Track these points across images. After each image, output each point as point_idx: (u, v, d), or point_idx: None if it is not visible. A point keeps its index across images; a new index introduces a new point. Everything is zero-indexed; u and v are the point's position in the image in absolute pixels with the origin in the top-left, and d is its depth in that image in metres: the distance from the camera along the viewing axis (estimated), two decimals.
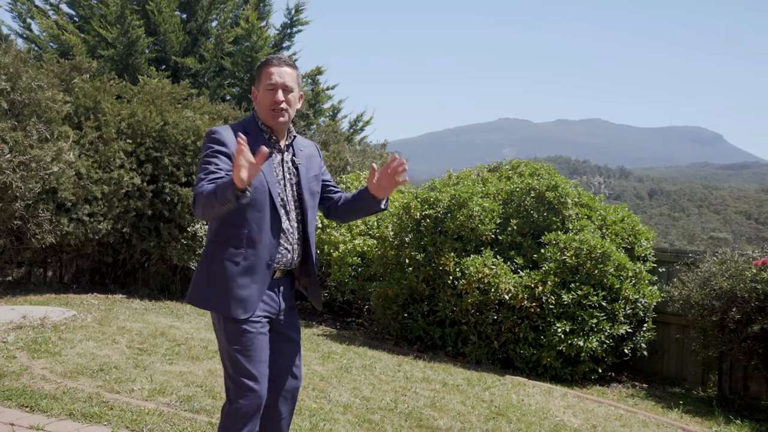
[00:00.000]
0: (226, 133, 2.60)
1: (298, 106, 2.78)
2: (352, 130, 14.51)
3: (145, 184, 8.84)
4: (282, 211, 2.64)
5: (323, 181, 2.91)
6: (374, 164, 2.68)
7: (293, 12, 13.77)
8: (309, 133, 12.88)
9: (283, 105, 2.64)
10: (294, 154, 2.77)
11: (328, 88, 13.91)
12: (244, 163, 2.25)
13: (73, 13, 14.24)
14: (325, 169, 2.98)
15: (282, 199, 2.66)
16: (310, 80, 13.71)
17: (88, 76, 9.20)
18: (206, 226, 9.23)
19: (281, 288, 2.71)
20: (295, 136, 2.80)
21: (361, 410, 4.48)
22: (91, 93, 8.78)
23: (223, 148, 2.56)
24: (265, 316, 2.62)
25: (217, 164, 2.52)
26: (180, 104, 9.66)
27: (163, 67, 13.49)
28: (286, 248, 2.67)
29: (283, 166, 2.71)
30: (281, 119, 2.65)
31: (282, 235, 2.64)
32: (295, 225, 2.71)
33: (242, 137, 2.27)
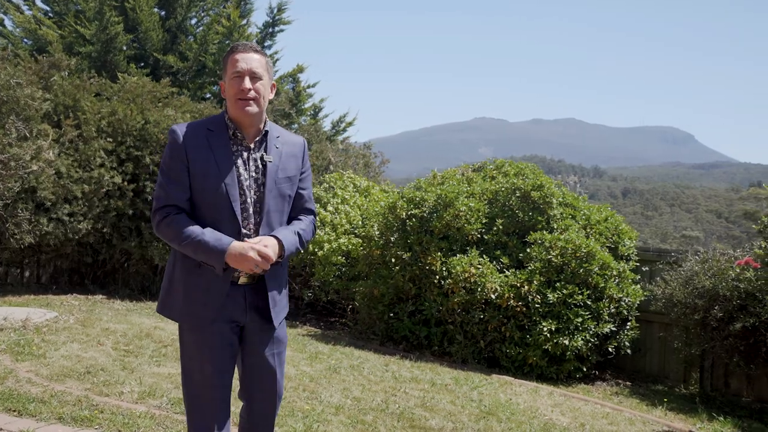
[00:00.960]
0: (184, 132, 2.45)
1: (270, 96, 2.56)
2: (334, 131, 14.45)
3: (125, 183, 8.73)
4: (242, 214, 2.45)
5: (298, 187, 2.62)
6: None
7: (276, 11, 13.69)
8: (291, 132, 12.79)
9: (251, 93, 2.41)
10: (266, 151, 2.53)
11: (309, 86, 13.86)
12: (252, 258, 2.33)
13: (48, 8, 13.99)
14: (307, 175, 2.68)
15: (243, 202, 2.46)
16: (291, 79, 13.63)
17: (66, 73, 9.05)
18: None
19: (247, 295, 2.49)
20: (267, 131, 2.54)
21: (353, 411, 4.47)
22: (71, 91, 8.64)
23: (178, 154, 2.43)
24: (227, 323, 2.46)
25: (170, 178, 2.43)
26: (161, 103, 9.55)
27: (142, 64, 13.32)
28: None
29: (249, 165, 2.49)
30: (249, 109, 2.42)
31: (242, 239, 2.43)
32: (255, 231, 2.49)
33: (259, 259, 2.36)
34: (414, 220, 7.42)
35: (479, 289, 6.80)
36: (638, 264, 7.35)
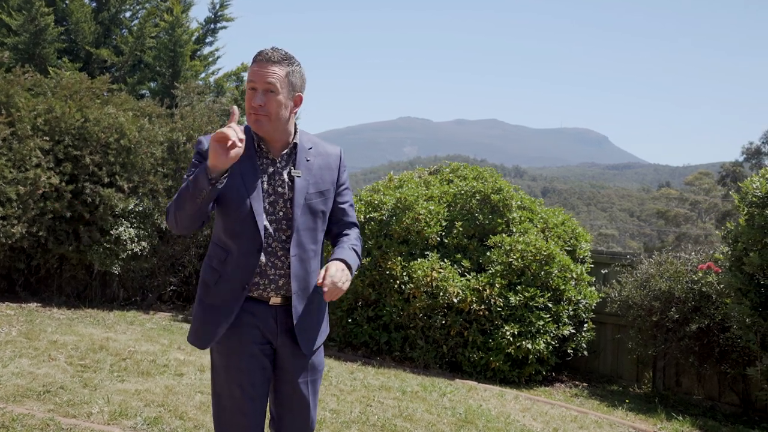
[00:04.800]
0: (208, 141, 2.31)
1: (296, 110, 2.39)
2: None
3: (63, 184, 8.23)
4: (265, 231, 2.31)
5: (336, 201, 2.49)
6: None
7: (218, 6, 13.25)
8: None
9: (261, 111, 2.26)
10: (295, 165, 2.39)
11: None
12: (222, 138, 2.06)
13: None
14: (345, 188, 2.54)
15: (268, 218, 2.32)
16: (235, 78, 13.23)
17: None
18: (131, 229, 8.80)
19: (278, 316, 2.34)
20: (296, 143, 2.40)
21: (335, 425, 4.33)
22: (3, 86, 8.07)
23: (203, 161, 2.31)
24: (258, 345, 2.32)
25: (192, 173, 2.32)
26: (100, 99, 9.07)
27: (71, 57, 12.62)
28: (274, 273, 2.34)
29: (275, 179, 2.35)
30: (258, 124, 2.28)
31: (266, 257, 2.32)
32: (282, 248, 2.35)
33: (234, 108, 2.10)
34: (373, 223, 7.32)
35: (441, 294, 6.77)
36: (592, 266, 7.50)
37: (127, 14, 13.24)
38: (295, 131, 2.42)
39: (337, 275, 2.20)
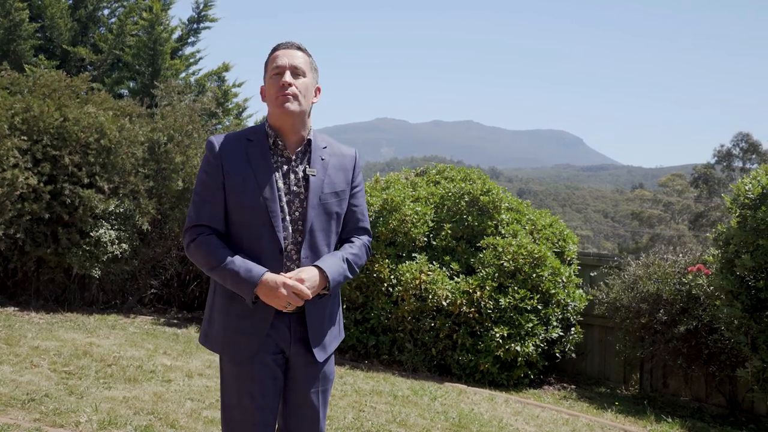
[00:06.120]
0: (221, 144, 2.25)
1: (315, 100, 2.33)
2: None
3: (42, 185, 8.02)
4: (283, 233, 2.22)
5: (350, 203, 2.40)
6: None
7: (201, 6, 13.06)
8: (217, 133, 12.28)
9: (292, 89, 2.18)
10: (309, 163, 2.31)
11: (235, 85, 13.32)
12: (282, 296, 2.13)
13: None
14: (359, 190, 2.45)
15: (283, 219, 2.22)
16: (216, 77, 13.06)
17: None
18: (111, 231, 8.61)
19: (293, 325, 2.26)
20: (310, 140, 2.32)
21: None
22: None
23: (214, 169, 2.23)
24: (271, 354, 2.23)
25: (203, 196, 2.24)
26: (79, 98, 8.87)
27: (47, 55, 12.37)
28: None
29: (289, 178, 2.26)
30: (288, 105, 2.18)
31: (284, 260, 2.23)
32: (298, 251, 2.26)
33: (294, 288, 2.14)
34: None
35: (430, 296, 6.71)
36: (579, 268, 7.50)
37: (106, 12, 13.02)
38: (309, 129, 2.36)
39: (294, 281, 2.15)
